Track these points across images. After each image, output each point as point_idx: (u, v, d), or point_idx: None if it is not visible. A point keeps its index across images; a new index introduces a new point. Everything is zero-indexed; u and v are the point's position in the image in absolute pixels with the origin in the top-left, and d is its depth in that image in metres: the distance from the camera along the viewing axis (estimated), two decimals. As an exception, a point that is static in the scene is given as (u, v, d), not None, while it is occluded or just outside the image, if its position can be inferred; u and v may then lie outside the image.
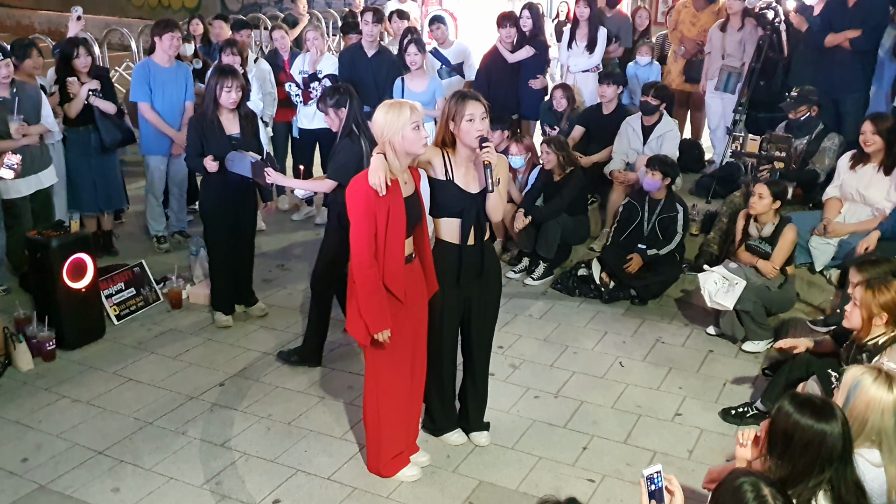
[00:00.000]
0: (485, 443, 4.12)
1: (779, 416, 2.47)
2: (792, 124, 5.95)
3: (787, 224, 5.09)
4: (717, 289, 5.01)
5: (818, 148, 5.84)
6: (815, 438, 2.38)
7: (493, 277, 3.92)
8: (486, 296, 3.90)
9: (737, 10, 6.88)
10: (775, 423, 2.48)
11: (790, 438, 2.41)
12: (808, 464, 2.39)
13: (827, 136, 5.86)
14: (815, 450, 2.38)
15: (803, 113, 5.86)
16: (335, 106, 4.51)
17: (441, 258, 3.73)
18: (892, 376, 2.70)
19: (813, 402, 2.46)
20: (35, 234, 5.07)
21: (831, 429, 2.38)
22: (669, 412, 4.45)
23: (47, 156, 5.81)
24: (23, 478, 3.85)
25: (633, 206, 5.85)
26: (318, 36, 6.96)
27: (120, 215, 7.17)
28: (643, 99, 6.38)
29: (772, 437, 2.48)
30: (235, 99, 4.98)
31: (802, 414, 2.41)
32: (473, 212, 3.67)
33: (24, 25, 18.11)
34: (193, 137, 5.06)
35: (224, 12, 13.92)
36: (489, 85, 7.29)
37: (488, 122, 3.62)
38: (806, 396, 2.54)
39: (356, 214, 3.38)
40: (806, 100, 5.83)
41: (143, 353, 5.08)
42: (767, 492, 2.14)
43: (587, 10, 7.24)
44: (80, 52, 5.99)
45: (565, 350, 5.13)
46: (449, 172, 3.65)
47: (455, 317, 3.87)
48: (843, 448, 2.40)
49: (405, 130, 3.37)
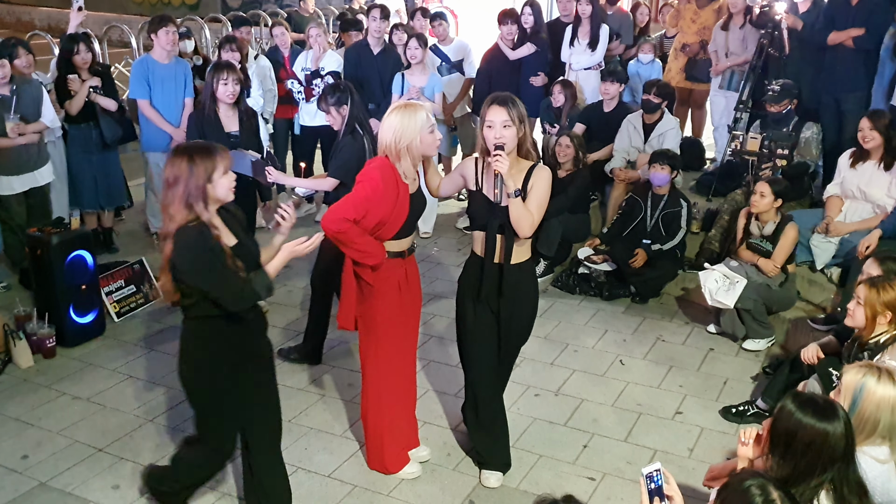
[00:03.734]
0: (493, 484, 3.77)
1: (781, 416, 2.45)
2: (771, 118, 5.99)
3: (789, 222, 5.08)
4: (717, 287, 5.00)
5: (797, 139, 5.90)
6: (817, 438, 2.36)
7: (518, 302, 3.57)
8: (508, 321, 3.59)
9: (739, 8, 6.88)
10: (777, 423, 2.46)
11: (792, 438, 2.39)
12: (809, 463, 2.37)
13: (805, 126, 5.93)
14: (817, 449, 2.36)
15: (785, 107, 5.91)
16: (336, 104, 4.48)
17: (465, 269, 3.68)
18: (891, 371, 2.70)
19: (815, 402, 2.45)
20: (35, 231, 5.07)
21: (833, 428, 2.36)
22: (670, 410, 4.45)
23: (44, 153, 5.80)
24: (23, 475, 3.85)
25: (636, 201, 5.85)
26: (320, 33, 6.95)
27: (120, 212, 7.17)
28: (645, 97, 6.38)
29: (774, 437, 2.46)
30: (233, 92, 4.94)
31: (805, 413, 2.40)
32: (496, 224, 3.43)
33: (24, 22, 18.08)
34: (193, 134, 5.04)
35: (224, 9, 13.94)
36: (490, 82, 7.27)
37: (514, 131, 3.33)
38: (808, 396, 2.52)
39: (365, 186, 3.33)
40: (789, 93, 5.90)
41: (143, 350, 5.08)
42: (776, 495, 2.11)
43: (589, 8, 7.21)
44: (80, 48, 5.98)
45: (566, 348, 5.13)
46: (479, 182, 3.51)
47: (483, 331, 3.63)
48: (846, 448, 2.38)
49: (423, 134, 3.35)
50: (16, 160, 5.55)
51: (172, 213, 2.88)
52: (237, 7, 14.93)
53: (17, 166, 5.57)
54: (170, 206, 2.89)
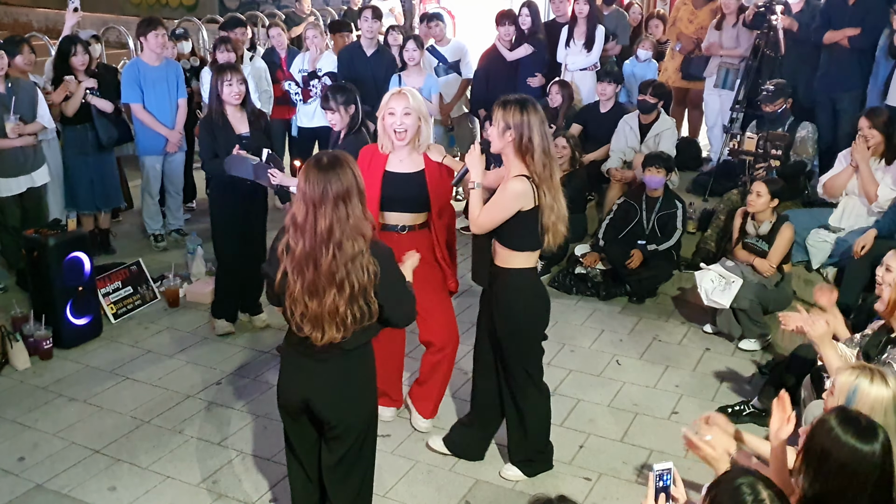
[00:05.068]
0: (513, 476, 3.84)
1: (820, 430, 2.31)
2: (766, 118, 6.00)
3: (785, 222, 5.09)
4: (713, 287, 5.01)
5: (793, 139, 5.91)
6: (851, 460, 2.24)
7: (501, 306, 3.57)
8: (494, 318, 3.62)
9: (732, 8, 6.90)
10: (814, 437, 2.32)
11: (827, 455, 2.27)
12: (841, 487, 2.24)
13: (800, 126, 5.95)
14: (850, 473, 2.24)
15: (780, 106, 5.92)
16: (345, 104, 4.51)
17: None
18: (883, 373, 2.67)
19: (858, 421, 2.31)
20: (32, 232, 5.07)
21: (871, 450, 2.24)
22: (666, 410, 4.45)
23: (41, 155, 5.81)
24: (19, 477, 3.85)
25: (631, 205, 5.87)
26: (317, 34, 6.95)
27: (117, 214, 7.17)
28: (641, 97, 6.38)
29: (808, 452, 2.33)
30: (238, 92, 4.84)
31: (845, 430, 2.27)
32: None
33: (21, 23, 18.05)
34: (206, 140, 4.95)
35: (222, 10, 13.93)
36: (487, 83, 7.28)
37: (495, 129, 3.42)
38: (854, 413, 2.37)
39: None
40: (783, 93, 5.91)
41: (140, 351, 5.08)
42: (766, 494, 2.05)
43: (586, 7, 7.22)
44: (77, 49, 5.99)
45: (562, 348, 5.13)
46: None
47: (481, 319, 3.79)
48: (880, 478, 2.24)
49: (383, 113, 3.79)
50: (13, 162, 5.55)
51: None
52: (235, 8, 14.91)
53: (13, 168, 5.57)
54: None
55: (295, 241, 2.67)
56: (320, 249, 2.62)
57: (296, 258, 2.67)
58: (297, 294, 2.67)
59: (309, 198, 2.64)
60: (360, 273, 2.65)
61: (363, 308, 2.71)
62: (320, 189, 2.62)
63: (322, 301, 2.65)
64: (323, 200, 2.62)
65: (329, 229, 2.62)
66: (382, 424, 4.20)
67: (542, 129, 3.38)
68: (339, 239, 2.62)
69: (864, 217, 5.31)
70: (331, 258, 2.62)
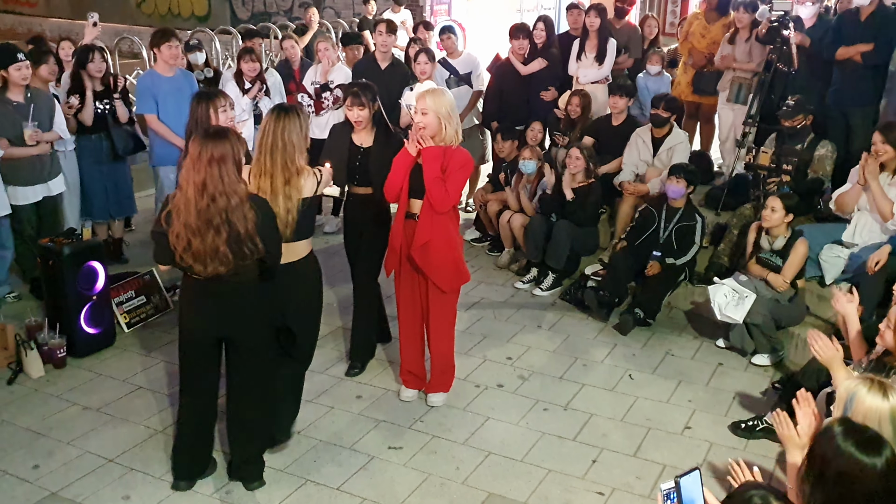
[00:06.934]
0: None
1: (823, 438, 2.30)
2: (785, 133, 5.98)
3: (799, 238, 5.08)
4: (727, 301, 5.00)
5: (811, 156, 5.87)
6: (850, 469, 2.21)
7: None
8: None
9: (745, 23, 6.91)
10: (817, 444, 2.31)
11: (827, 464, 2.25)
12: (841, 496, 2.21)
13: (819, 144, 5.90)
14: (849, 482, 2.21)
15: (799, 122, 5.89)
16: (373, 100, 4.65)
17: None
18: (885, 384, 2.63)
19: (862, 432, 2.29)
20: (47, 241, 5.10)
21: (872, 463, 2.20)
22: (679, 425, 4.44)
23: (57, 164, 5.85)
24: (34, 485, 3.86)
25: (651, 212, 5.82)
26: (328, 46, 6.99)
27: (130, 222, 7.20)
28: (653, 111, 6.38)
29: (810, 459, 2.31)
30: (232, 117, 4.69)
31: (846, 439, 2.25)
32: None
33: (35, 33, 18.20)
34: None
35: (234, 21, 14.03)
36: (501, 96, 7.31)
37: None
38: (860, 424, 2.36)
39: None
40: (802, 109, 5.87)
41: (154, 360, 5.10)
42: None
43: (597, 21, 7.25)
44: (94, 56, 6.05)
45: (574, 362, 5.13)
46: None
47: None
48: (886, 493, 2.20)
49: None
50: (29, 170, 5.60)
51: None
52: (247, 19, 15.01)
53: (30, 176, 5.61)
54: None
55: (180, 192, 3.35)
56: (197, 198, 3.28)
57: (177, 203, 3.34)
58: (180, 230, 3.31)
59: (191, 157, 3.33)
60: (241, 221, 3.31)
61: (251, 247, 3.36)
62: (198, 151, 3.30)
63: (204, 240, 3.30)
64: (199, 159, 3.29)
65: (203, 182, 3.28)
66: (394, 437, 4.25)
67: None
68: (213, 193, 3.27)
69: (877, 233, 5.29)
70: (205, 206, 3.27)
